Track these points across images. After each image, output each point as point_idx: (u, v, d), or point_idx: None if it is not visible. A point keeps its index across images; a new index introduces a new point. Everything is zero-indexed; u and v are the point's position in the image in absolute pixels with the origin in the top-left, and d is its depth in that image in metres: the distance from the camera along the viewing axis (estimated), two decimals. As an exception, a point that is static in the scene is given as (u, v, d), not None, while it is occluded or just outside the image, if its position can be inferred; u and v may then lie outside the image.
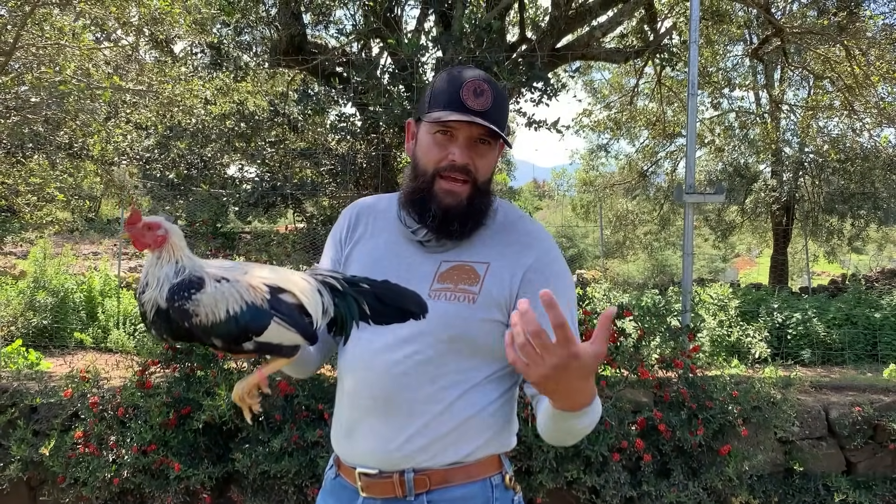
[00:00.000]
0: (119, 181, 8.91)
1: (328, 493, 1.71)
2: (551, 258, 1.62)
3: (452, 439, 1.55)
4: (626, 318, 4.20)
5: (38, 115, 6.23)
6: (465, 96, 1.53)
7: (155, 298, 1.32)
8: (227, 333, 1.32)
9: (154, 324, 1.34)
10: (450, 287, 1.56)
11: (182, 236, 1.39)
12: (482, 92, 1.53)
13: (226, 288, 1.33)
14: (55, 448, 3.78)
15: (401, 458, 1.55)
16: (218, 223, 4.99)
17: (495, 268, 1.57)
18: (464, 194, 1.57)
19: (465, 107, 1.52)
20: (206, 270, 1.35)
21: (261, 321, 1.34)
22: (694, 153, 4.64)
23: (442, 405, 1.54)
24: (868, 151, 12.54)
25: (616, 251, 18.79)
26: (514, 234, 1.62)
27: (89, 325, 7.41)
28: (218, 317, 1.31)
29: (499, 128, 1.54)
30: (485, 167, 1.59)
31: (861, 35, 9.09)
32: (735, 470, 3.67)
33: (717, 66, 12.45)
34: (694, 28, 4.61)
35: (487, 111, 1.53)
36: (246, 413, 1.47)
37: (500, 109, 1.56)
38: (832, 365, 6.83)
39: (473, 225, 1.60)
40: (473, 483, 1.56)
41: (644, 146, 16.02)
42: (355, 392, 1.61)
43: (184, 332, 1.33)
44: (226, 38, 7.16)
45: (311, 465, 3.69)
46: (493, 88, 1.55)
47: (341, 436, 1.66)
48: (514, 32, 7.87)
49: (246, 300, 1.33)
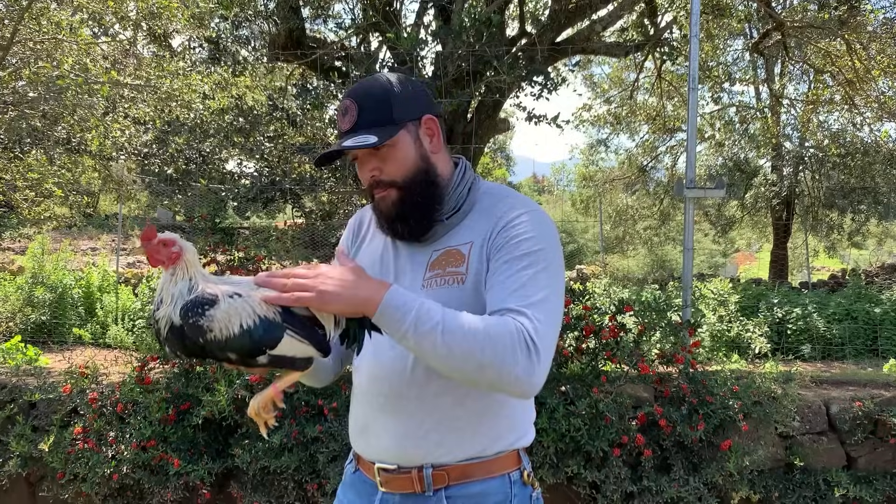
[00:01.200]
0: (117, 176, 8.87)
1: (348, 486, 1.73)
2: (523, 218, 1.54)
3: (468, 433, 1.55)
4: (626, 313, 4.19)
5: (36, 110, 6.20)
6: (339, 123, 1.58)
7: (169, 315, 1.35)
8: (241, 348, 1.34)
9: (168, 340, 1.36)
10: (439, 273, 1.56)
11: (194, 252, 1.40)
12: (346, 110, 1.56)
13: (238, 303, 1.35)
14: (54, 444, 3.78)
15: (418, 454, 1.56)
16: (217, 218, 4.97)
17: (476, 243, 1.56)
18: (391, 196, 1.58)
19: (341, 132, 1.57)
20: (218, 287, 1.37)
21: (274, 334, 1.36)
22: (694, 148, 4.62)
23: (453, 396, 1.54)
24: (868, 146, 12.54)
25: (616, 246, 18.79)
26: (495, 212, 1.59)
27: (88, 320, 7.40)
28: (232, 332, 1.33)
29: (376, 126, 1.52)
30: (395, 167, 1.56)
31: (862, 29, 9.07)
32: (735, 465, 3.66)
33: (717, 61, 12.41)
34: (695, 22, 4.58)
35: (355, 124, 1.54)
36: (262, 428, 1.50)
37: (372, 109, 1.54)
38: (832, 360, 6.83)
39: (420, 218, 1.58)
40: (492, 479, 1.56)
41: (644, 141, 16.00)
42: (367, 390, 1.63)
43: (198, 349, 1.35)
44: (224, 33, 7.14)
45: (311, 461, 3.68)
46: (356, 97, 1.56)
47: (357, 433, 1.67)
48: (514, 26, 7.84)
49: (259, 314, 1.35)
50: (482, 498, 1.55)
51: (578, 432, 3.59)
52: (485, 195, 1.64)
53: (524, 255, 1.47)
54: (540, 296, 1.42)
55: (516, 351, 1.33)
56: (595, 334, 3.98)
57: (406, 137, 1.57)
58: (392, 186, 1.57)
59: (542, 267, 1.46)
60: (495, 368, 1.32)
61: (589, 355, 4.01)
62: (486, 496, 1.55)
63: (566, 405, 3.67)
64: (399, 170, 1.57)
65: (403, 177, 1.57)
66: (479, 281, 1.53)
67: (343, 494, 1.74)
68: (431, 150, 1.61)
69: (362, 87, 1.59)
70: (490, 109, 6.26)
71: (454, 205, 1.61)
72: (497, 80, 5.15)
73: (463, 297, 1.52)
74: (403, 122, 1.56)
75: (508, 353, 1.32)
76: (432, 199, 1.59)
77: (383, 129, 1.53)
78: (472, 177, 1.67)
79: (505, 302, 1.42)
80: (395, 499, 1.59)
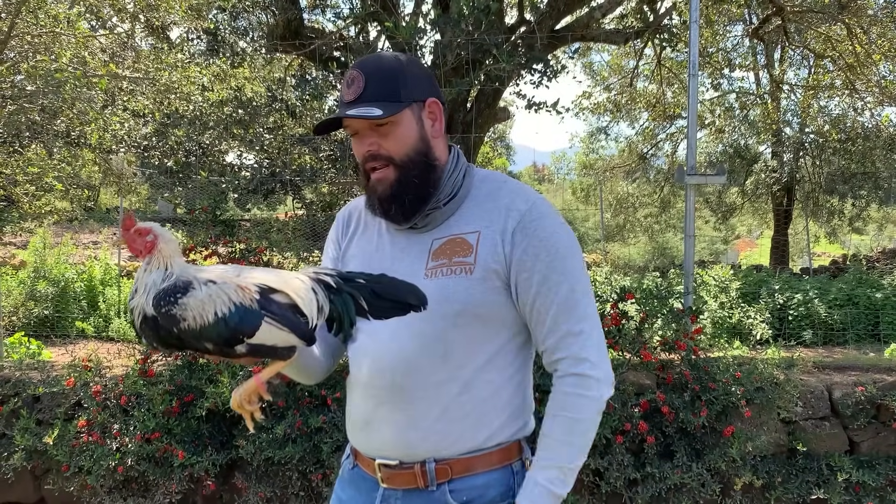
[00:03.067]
0: (117, 169, 8.86)
1: (347, 482, 1.70)
2: (537, 215, 1.55)
3: (471, 423, 1.54)
4: (628, 300, 4.19)
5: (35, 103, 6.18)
6: (343, 93, 1.55)
7: (141, 305, 1.31)
8: (216, 336, 1.30)
9: (143, 331, 1.33)
10: (445, 262, 1.54)
11: (174, 242, 1.37)
12: (353, 80, 1.53)
13: (213, 290, 1.31)
14: (59, 437, 3.79)
15: (421, 447, 1.54)
16: (217, 210, 4.97)
17: (486, 234, 1.54)
18: (389, 177, 1.55)
19: (343, 102, 1.54)
20: (195, 275, 1.33)
21: (251, 322, 1.31)
22: (695, 134, 4.61)
23: (458, 385, 1.53)
24: (869, 131, 12.49)
25: (616, 234, 18.75)
26: (499, 199, 1.58)
27: (90, 314, 7.42)
28: (206, 320, 1.29)
29: (381, 100, 1.50)
30: (394, 144, 1.54)
31: (862, 13, 9.03)
32: (738, 451, 3.67)
33: (717, 47, 12.37)
34: (694, 8, 4.55)
35: (361, 94, 1.51)
36: (248, 422, 1.44)
37: (379, 83, 1.52)
38: (834, 345, 6.83)
39: (414, 200, 1.56)
40: (495, 470, 1.56)
41: (644, 128, 15.95)
42: (368, 383, 1.59)
43: (174, 340, 1.31)
44: (222, 24, 7.11)
45: (315, 451, 3.69)
46: (364, 69, 1.53)
47: (357, 428, 1.64)
48: (513, 14, 7.81)
49: (234, 301, 1.31)
50: (485, 489, 1.54)
51: (581, 420, 3.59)
52: (481, 182, 1.63)
53: (565, 272, 1.53)
54: (582, 307, 1.54)
55: (601, 392, 1.53)
56: (597, 322, 3.97)
57: (409, 116, 1.55)
58: (389, 164, 1.55)
59: (578, 277, 1.55)
60: (599, 415, 1.55)
61: (591, 343, 4.01)
62: (489, 487, 1.54)
63: (569, 393, 3.67)
64: (399, 148, 1.54)
65: (402, 155, 1.55)
66: (489, 271, 1.52)
67: (342, 490, 1.70)
68: (432, 135, 1.59)
69: (372, 60, 1.57)
70: (490, 98, 6.24)
71: (451, 190, 1.59)
72: (496, 69, 5.13)
73: (470, 288, 1.51)
74: (409, 101, 1.54)
75: (598, 402, 1.53)
76: (428, 182, 1.57)
77: (388, 105, 1.50)
78: (465, 164, 1.65)
79: (558, 326, 1.53)
80: (398, 494, 1.56)
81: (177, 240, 1.39)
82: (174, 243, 1.37)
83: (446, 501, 1.53)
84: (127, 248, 1.36)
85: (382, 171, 1.55)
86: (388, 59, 1.57)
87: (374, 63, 1.55)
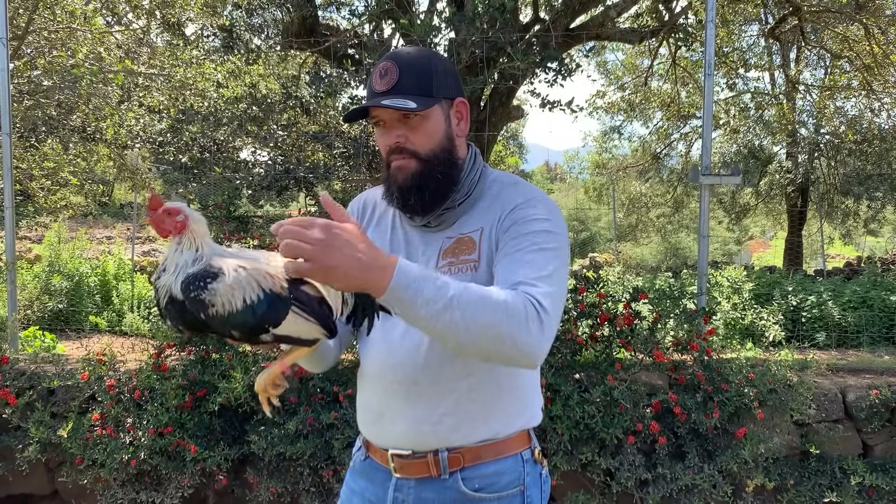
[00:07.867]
0: (132, 165, 8.93)
1: (359, 473, 1.72)
2: (528, 205, 1.54)
3: (482, 416, 1.57)
4: (641, 300, 4.18)
5: (51, 99, 6.23)
6: (374, 83, 1.54)
7: (169, 286, 1.29)
8: (243, 324, 1.28)
9: (168, 312, 1.31)
10: (452, 261, 1.57)
11: (203, 222, 1.35)
12: (386, 71, 1.53)
13: (243, 276, 1.28)
14: (73, 430, 3.82)
15: (434, 438, 1.57)
16: (231, 206, 4.99)
17: (486, 230, 1.56)
18: (410, 167, 1.55)
19: (373, 93, 1.54)
20: (225, 259, 1.31)
21: (278, 310, 1.29)
22: (710, 134, 4.59)
23: (469, 380, 1.56)
24: (886, 132, 12.38)
25: (629, 234, 18.71)
26: (504, 198, 1.59)
27: (104, 308, 7.47)
28: (235, 306, 1.27)
29: (414, 94, 1.50)
30: (421, 138, 1.55)
31: (880, 13, 8.95)
32: (751, 452, 3.65)
33: (732, 47, 12.28)
34: (710, 7, 4.53)
35: (394, 86, 1.51)
36: (265, 405, 1.46)
37: (413, 76, 1.52)
38: (847, 348, 6.77)
39: (433, 194, 1.57)
40: (505, 459, 1.59)
41: (658, 128, 15.88)
42: (380, 377, 1.62)
43: (199, 323, 1.29)
44: (237, 21, 7.13)
45: (327, 447, 3.71)
46: (398, 62, 1.53)
47: (370, 421, 1.67)
48: (528, 13, 7.77)
49: (264, 288, 1.29)
50: (497, 477, 1.58)
51: (593, 419, 3.59)
52: (494, 182, 1.65)
53: (536, 233, 1.48)
54: (549, 269, 1.42)
55: (529, 322, 1.31)
56: (610, 322, 3.97)
57: (439, 113, 1.57)
58: (414, 157, 1.55)
59: (552, 246, 1.47)
60: (511, 339, 1.29)
61: (603, 343, 4.01)
62: (501, 475, 1.58)
63: (581, 392, 3.67)
64: (426, 142, 1.56)
65: (427, 150, 1.56)
66: (491, 265, 1.53)
67: (353, 481, 1.73)
68: (457, 133, 1.62)
69: (406, 53, 1.58)
70: (503, 97, 6.23)
71: (466, 190, 1.61)
72: (511, 67, 5.12)
73: (474, 283, 1.52)
74: (440, 98, 1.55)
75: (523, 324, 1.30)
76: (450, 179, 1.58)
77: (422, 98, 1.51)
78: (482, 164, 1.67)
79: (515, 274, 1.41)
80: (411, 483, 1.60)
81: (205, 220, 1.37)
82: (204, 224, 1.35)
83: (459, 489, 1.57)
84: (155, 228, 1.33)
85: (404, 160, 1.56)
86: (422, 54, 1.59)
87: (408, 56, 1.56)
